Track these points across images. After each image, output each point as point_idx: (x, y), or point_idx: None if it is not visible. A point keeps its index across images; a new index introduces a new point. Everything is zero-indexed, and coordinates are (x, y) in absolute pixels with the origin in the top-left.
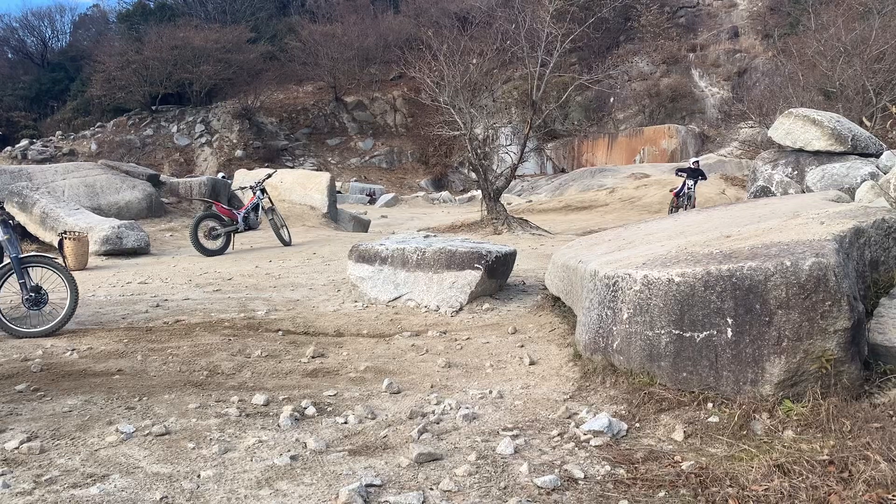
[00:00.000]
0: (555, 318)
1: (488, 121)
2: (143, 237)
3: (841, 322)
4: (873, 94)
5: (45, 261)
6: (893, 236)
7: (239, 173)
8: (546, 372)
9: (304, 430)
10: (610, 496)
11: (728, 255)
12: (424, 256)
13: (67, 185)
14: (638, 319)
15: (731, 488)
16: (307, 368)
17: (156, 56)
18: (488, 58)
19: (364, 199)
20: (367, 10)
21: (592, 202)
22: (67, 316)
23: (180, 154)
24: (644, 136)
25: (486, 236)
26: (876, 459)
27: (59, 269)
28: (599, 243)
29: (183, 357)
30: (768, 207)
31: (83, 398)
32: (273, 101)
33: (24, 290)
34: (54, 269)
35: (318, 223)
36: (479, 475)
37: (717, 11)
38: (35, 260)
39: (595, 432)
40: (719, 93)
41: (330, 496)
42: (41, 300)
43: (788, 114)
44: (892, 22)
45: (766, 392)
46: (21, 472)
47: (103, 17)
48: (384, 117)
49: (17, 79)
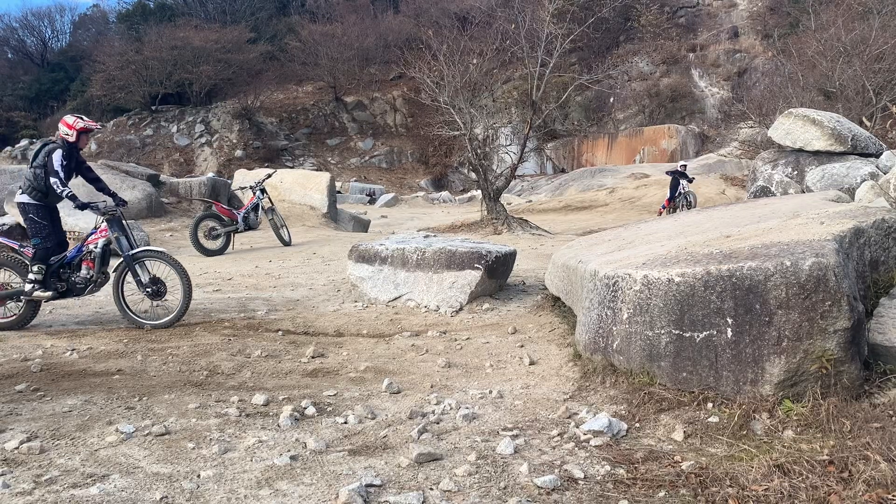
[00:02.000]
0: (555, 318)
1: (488, 121)
2: (142, 237)
3: (841, 322)
4: (873, 94)
5: (157, 254)
6: (893, 236)
7: (239, 173)
8: (546, 372)
9: (304, 430)
10: (610, 496)
11: (728, 255)
12: (424, 256)
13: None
14: (638, 319)
15: (731, 488)
16: (307, 368)
17: (156, 56)
18: (488, 58)
19: (364, 199)
20: (366, 10)
21: (592, 202)
22: (184, 307)
23: (180, 154)
24: (644, 136)
25: (486, 236)
26: (876, 459)
27: (170, 261)
28: (599, 243)
29: (183, 357)
30: (768, 207)
31: (83, 398)
32: (273, 101)
33: (139, 286)
34: (166, 261)
35: (318, 223)
36: (479, 475)
37: (717, 11)
38: (147, 254)
39: (595, 432)
40: (719, 93)
41: (330, 496)
42: (160, 292)
43: (788, 114)
44: (892, 22)
45: (766, 392)
46: (21, 472)
47: (103, 17)
48: (384, 117)
49: (17, 79)
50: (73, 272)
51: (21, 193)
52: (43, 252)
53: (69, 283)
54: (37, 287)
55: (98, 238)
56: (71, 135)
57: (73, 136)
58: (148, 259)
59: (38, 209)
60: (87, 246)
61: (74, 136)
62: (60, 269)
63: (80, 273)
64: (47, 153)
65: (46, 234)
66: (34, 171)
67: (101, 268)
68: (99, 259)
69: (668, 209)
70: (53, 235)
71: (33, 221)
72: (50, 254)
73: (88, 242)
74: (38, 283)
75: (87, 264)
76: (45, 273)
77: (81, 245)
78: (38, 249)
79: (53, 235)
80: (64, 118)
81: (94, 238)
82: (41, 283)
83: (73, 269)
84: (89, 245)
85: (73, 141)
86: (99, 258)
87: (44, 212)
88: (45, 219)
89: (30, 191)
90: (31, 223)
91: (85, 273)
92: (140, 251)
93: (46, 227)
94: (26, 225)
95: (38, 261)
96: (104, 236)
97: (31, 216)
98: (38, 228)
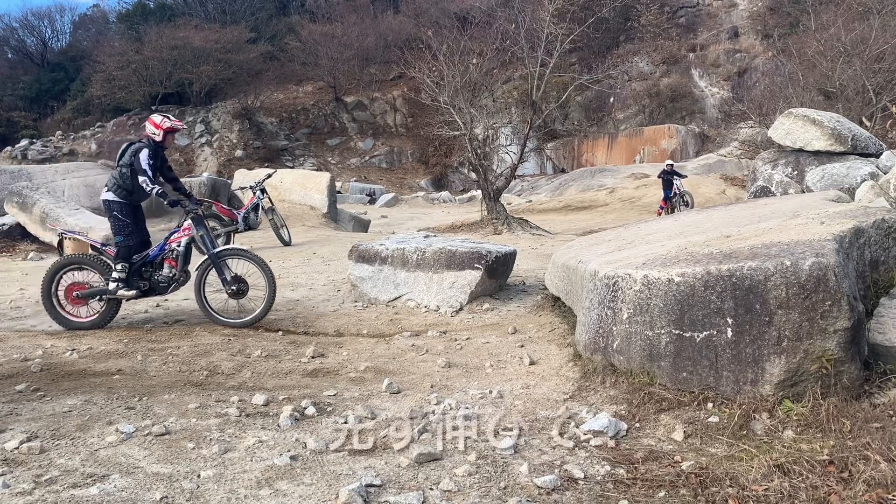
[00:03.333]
0: (555, 318)
1: (488, 121)
2: None
3: (841, 322)
4: (873, 94)
5: (241, 253)
6: (893, 236)
7: (239, 173)
8: (546, 372)
9: (304, 430)
10: (610, 496)
11: (728, 255)
12: (424, 256)
13: (67, 185)
14: (638, 319)
15: (731, 488)
16: (307, 368)
17: (156, 56)
18: (488, 58)
19: (364, 199)
20: (366, 10)
21: (592, 202)
22: (268, 306)
23: (180, 154)
24: (644, 136)
25: (486, 236)
26: (876, 459)
27: (255, 260)
28: (599, 243)
29: (183, 357)
30: (768, 207)
31: (83, 398)
32: (273, 101)
33: (224, 284)
34: (251, 260)
35: (318, 223)
36: (479, 475)
37: (717, 11)
38: (231, 253)
39: (595, 432)
40: (719, 93)
41: (330, 496)
42: (243, 291)
43: (788, 114)
44: (892, 22)
45: (766, 392)
46: (21, 472)
47: (103, 17)
48: (384, 117)
49: (17, 79)
50: (156, 271)
51: (107, 191)
52: (126, 250)
53: (151, 281)
54: (120, 286)
55: (181, 237)
56: (158, 134)
57: (160, 135)
58: (232, 258)
59: (123, 207)
60: (170, 244)
61: (161, 136)
62: (143, 268)
63: (163, 271)
64: (134, 152)
65: (129, 233)
66: (120, 170)
67: (183, 266)
68: (182, 257)
69: (666, 209)
70: (136, 234)
71: (117, 219)
72: (133, 252)
73: (171, 241)
74: (122, 282)
75: (170, 263)
76: (128, 271)
77: (164, 243)
78: (121, 247)
79: (136, 234)
80: (151, 117)
81: (177, 236)
82: (124, 281)
83: (155, 267)
84: (172, 244)
85: (160, 140)
86: (182, 256)
87: (128, 210)
88: (128, 217)
89: (115, 189)
90: (115, 221)
91: (167, 272)
92: (225, 249)
93: (130, 226)
94: (110, 223)
95: (121, 259)
96: (188, 235)
97: (116, 213)
98: (121, 226)
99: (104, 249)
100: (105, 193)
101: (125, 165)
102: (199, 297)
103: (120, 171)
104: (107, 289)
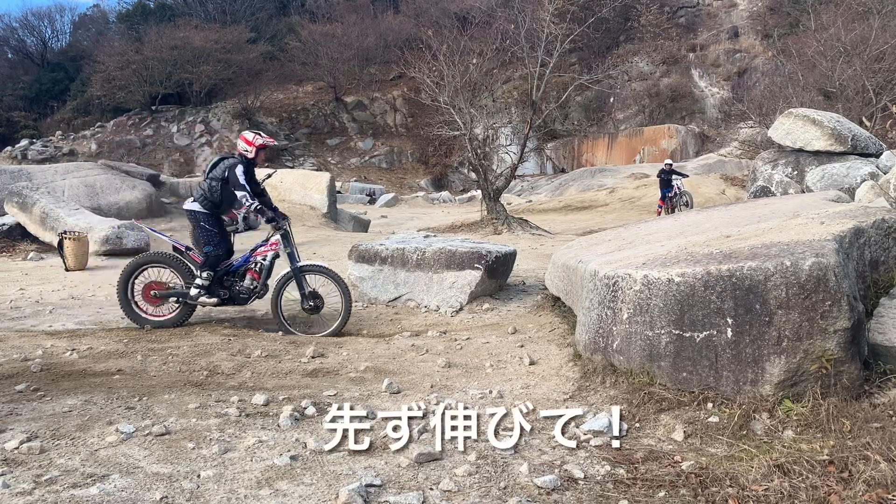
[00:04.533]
0: (555, 318)
1: (488, 121)
2: (143, 237)
3: (841, 322)
4: (873, 94)
5: (320, 269)
6: (893, 236)
7: None
8: (546, 372)
9: (304, 430)
10: (610, 496)
11: (728, 255)
12: (424, 256)
13: (67, 185)
14: (638, 319)
15: (731, 488)
16: (307, 368)
17: (156, 56)
18: (488, 58)
19: (364, 199)
20: (367, 10)
21: (592, 202)
22: (344, 320)
23: (180, 154)
24: (644, 136)
25: (486, 236)
26: (876, 459)
27: (333, 276)
28: (599, 243)
29: (183, 357)
30: (768, 207)
31: (83, 398)
32: (273, 101)
33: (303, 300)
34: (329, 276)
35: (318, 223)
36: (479, 475)
37: (717, 11)
38: (311, 269)
39: (595, 432)
40: (719, 93)
41: (330, 496)
42: (319, 305)
43: (788, 114)
44: (892, 22)
45: (766, 392)
46: (21, 472)
47: (103, 17)
48: (384, 117)
49: (17, 79)
50: (238, 281)
51: (192, 202)
52: (214, 259)
53: (232, 291)
54: (202, 293)
55: (268, 251)
56: (250, 151)
57: (252, 152)
58: (311, 273)
59: (209, 217)
60: (255, 257)
61: (253, 153)
62: (224, 277)
63: (244, 283)
64: (228, 167)
65: (217, 242)
66: (209, 183)
67: (265, 280)
68: (266, 271)
69: (665, 209)
70: (223, 243)
71: (205, 230)
72: (220, 261)
73: (257, 254)
74: (204, 289)
75: (252, 275)
76: (211, 280)
77: (249, 255)
78: (210, 257)
79: (223, 243)
80: (243, 134)
81: (263, 250)
82: (206, 289)
83: (237, 278)
84: (257, 256)
85: (252, 157)
86: (266, 270)
87: (213, 220)
88: (215, 227)
89: (202, 200)
90: (203, 231)
91: (249, 283)
92: (306, 265)
93: (217, 235)
94: (198, 232)
95: (207, 267)
96: (274, 250)
97: (203, 224)
98: (209, 236)
99: (189, 254)
100: (191, 204)
101: (216, 179)
102: (275, 308)
103: (209, 183)
104: (188, 293)
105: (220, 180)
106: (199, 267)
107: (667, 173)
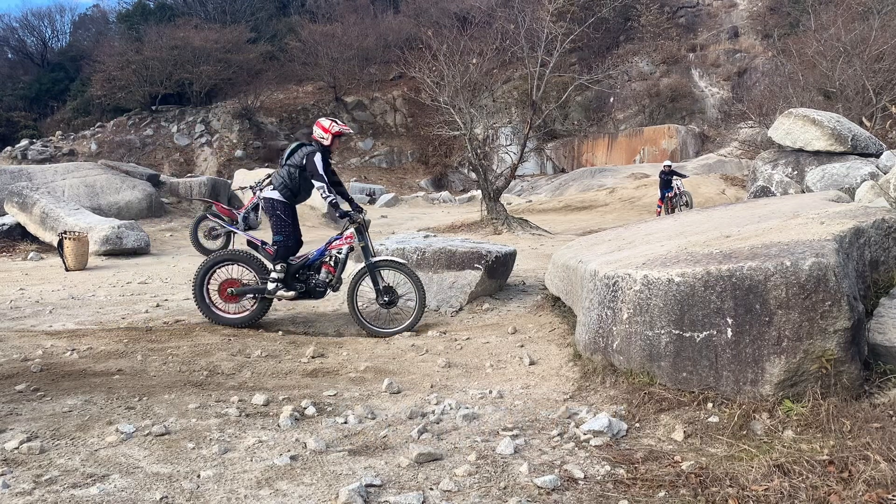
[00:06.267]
0: (555, 318)
1: (488, 121)
2: (143, 237)
3: (841, 322)
4: (873, 94)
5: (395, 264)
6: (893, 236)
7: (239, 173)
8: (546, 372)
9: (304, 430)
10: (610, 496)
11: (728, 255)
12: (424, 256)
13: (67, 185)
14: (638, 319)
15: (731, 488)
16: (307, 368)
17: (156, 56)
18: (488, 58)
19: (364, 199)
20: (367, 10)
21: (592, 202)
22: (417, 316)
23: (180, 154)
24: (644, 136)
25: (486, 236)
26: (876, 459)
27: (407, 272)
28: (599, 243)
29: (183, 357)
30: (768, 207)
31: (83, 398)
32: (273, 101)
33: (378, 294)
34: (403, 272)
35: (318, 223)
36: (479, 475)
37: (717, 11)
38: (386, 264)
39: (595, 432)
40: (719, 93)
41: (330, 496)
42: (394, 301)
43: (788, 114)
44: (892, 22)
45: (766, 392)
46: (21, 472)
47: (103, 17)
48: (384, 117)
49: (17, 79)
50: (314, 275)
51: (272, 190)
52: (284, 250)
53: (308, 285)
54: (279, 286)
55: (343, 244)
56: (326, 138)
57: (329, 139)
58: (386, 268)
59: (286, 207)
60: (331, 251)
61: (330, 140)
62: (300, 270)
63: (320, 276)
64: (307, 154)
65: (289, 233)
66: (288, 170)
67: (340, 273)
68: (341, 264)
69: (665, 209)
70: (294, 234)
71: (279, 219)
72: (290, 252)
73: (332, 247)
74: (281, 282)
75: (328, 268)
76: (286, 272)
77: (324, 248)
78: (280, 247)
79: (294, 234)
80: (319, 121)
81: (338, 243)
82: (283, 282)
83: (313, 271)
84: (332, 250)
85: (328, 144)
86: (341, 264)
87: (289, 210)
88: (289, 217)
89: (281, 188)
90: (277, 220)
91: (324, 276)
92: (381, 260)
93: (290, 226)
94: (271, 222)
95: (279, 259)
96: (349, 243)
97: (279, 213)
98: (282, 226)
99: (263, 248)
100: (270, 192)
101: (294, 166)
102: (351, 303)
103: (288, 170)
104: (265, 288)
105: (298, 167)
106: (273, 259)
107: (667, 174)
